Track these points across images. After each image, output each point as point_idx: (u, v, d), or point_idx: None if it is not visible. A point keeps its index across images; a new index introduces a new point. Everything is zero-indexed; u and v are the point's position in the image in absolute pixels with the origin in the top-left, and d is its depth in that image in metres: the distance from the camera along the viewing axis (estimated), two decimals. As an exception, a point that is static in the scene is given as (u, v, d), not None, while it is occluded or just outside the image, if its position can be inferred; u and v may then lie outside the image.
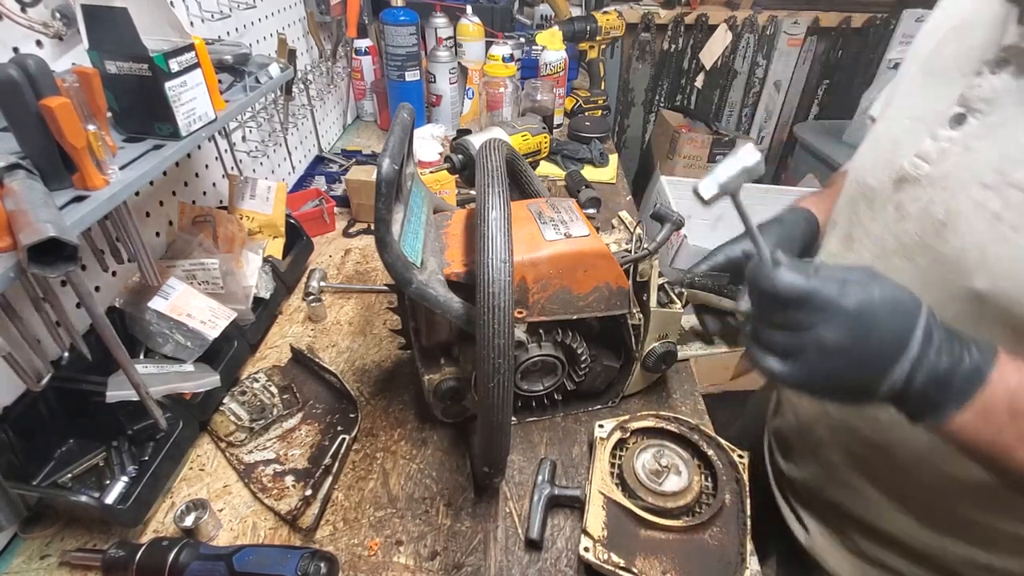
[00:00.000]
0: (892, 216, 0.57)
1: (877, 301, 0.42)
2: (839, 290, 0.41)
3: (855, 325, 0.41)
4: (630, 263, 0.66)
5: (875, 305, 0.42)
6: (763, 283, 0.44)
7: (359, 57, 1.42)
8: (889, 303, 0.42)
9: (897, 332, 0.42)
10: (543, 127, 0.98)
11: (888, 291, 0.43)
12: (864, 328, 0.41)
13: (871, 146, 0.64)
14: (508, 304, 0.46)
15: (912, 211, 0.55)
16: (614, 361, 0.72)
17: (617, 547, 0.55)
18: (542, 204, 0.68)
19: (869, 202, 0.61)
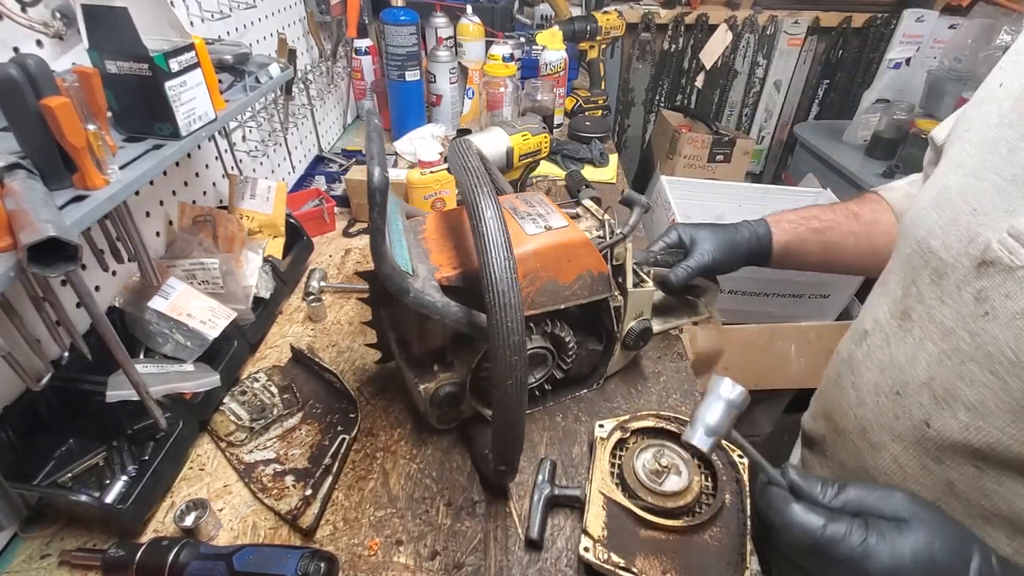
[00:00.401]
0: (971, 307, 0.46)
1: (909, 566, 0.35)
2: (861, 548, 0.35)
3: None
4: (607, 248, 0.68)
5: (906, 570, 0.35)
6: (777, 518, 0.40)
7: (359, 57, 1.42)
8: (925, 567, 0.35)
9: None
10: (543, 127, 0.98)
11: (924, 549, 0.36)
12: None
13: (938, 199, 0.51)
14: (517, 301, 0.47)
15: (1002, 312, 0.43)
16: (597, 344, 0.74)
17: (617, 547, 0.55)
18: (514, 200, 0.68)
19: (937, 276, 0.49)
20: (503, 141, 0.95)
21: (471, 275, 0.60)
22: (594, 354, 0.75)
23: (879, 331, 0.57)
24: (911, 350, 0.51)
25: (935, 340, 0.49)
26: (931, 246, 0.50)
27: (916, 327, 0.51)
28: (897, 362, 0.53)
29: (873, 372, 0.56)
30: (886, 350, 0.55)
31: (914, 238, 0.53)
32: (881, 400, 0.54)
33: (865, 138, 2.19)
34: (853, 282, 1.71)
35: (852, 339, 0.63)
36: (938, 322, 0.49)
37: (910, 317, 0.52)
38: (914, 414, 0.50)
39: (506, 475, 0.60)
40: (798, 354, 1.59)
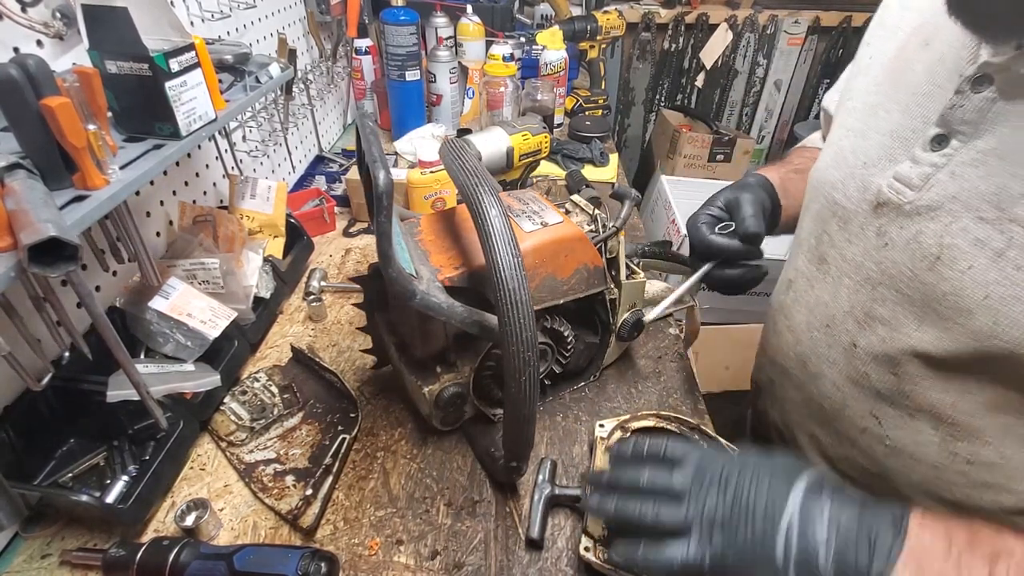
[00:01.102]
0: (874, 242, 0.55)
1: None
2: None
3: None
4: (600, 242, 0.69)
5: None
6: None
7: (359, 57, 1.42)
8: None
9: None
10: (543, 127, 0.98)
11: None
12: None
13: (836, 158, 0.61)
14: (527, 297, 0.47)
15: (898, 240, 0.52)
16: (593, 337, 0.75)
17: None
18: (506, 198, 0.69)
19: (843, 222, 0.58)
20: (503, 141, 0.95)
21: (474, 275, 0.60)
22: (591, 347, 0.76)
23: (801, 277, 0.66)
24: (832, 288, 0.60)
25: (849, 275, 0.58)
26: (835, 198, 0.59)
27: (832, 267, 0.60)
28: (822, 300, 0.62)
29: (803, 313, 0.65)
30: (810, 292, 0.64)
31: (821, 194, 0.62)
32: (814, 335, 0.63)
33: (865, 137, 2.19)
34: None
35: (780, 289, 0.72)
36: (849, 259, 0.58)
37: (826, 260, 0.61)
38: (842, 340, 0.59)
39: (517, 471, 0.60)
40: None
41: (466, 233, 0.64)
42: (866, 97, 0.59)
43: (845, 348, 0.59)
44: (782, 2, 2.38)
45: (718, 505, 0.42)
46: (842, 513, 0.39)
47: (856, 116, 0.60)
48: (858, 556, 0.37)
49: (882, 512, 0.39)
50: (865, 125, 0.58)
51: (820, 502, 0.40)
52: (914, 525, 0.39)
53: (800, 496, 0.40)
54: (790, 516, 0.40)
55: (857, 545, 0.38)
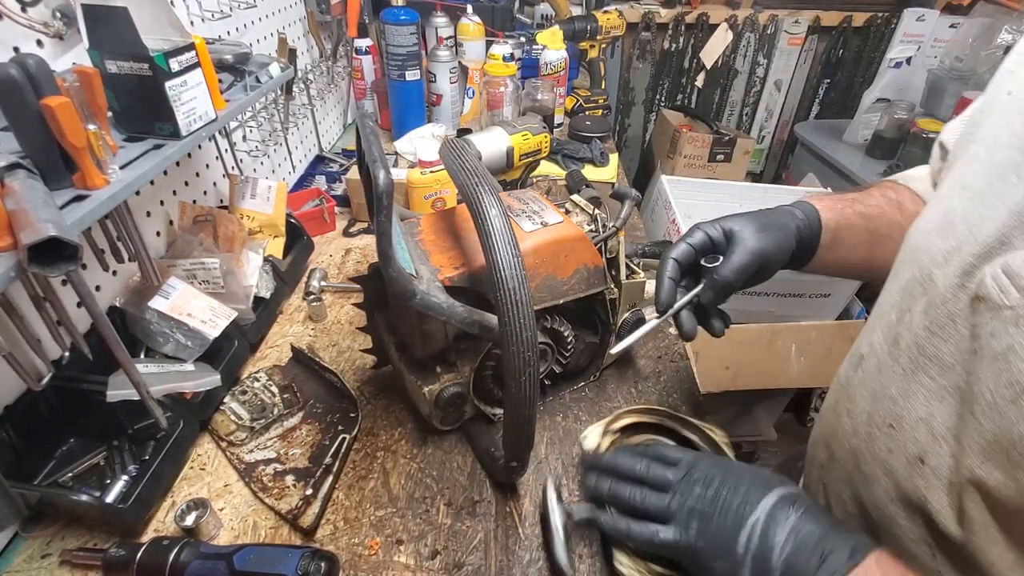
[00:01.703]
0: (967, 344, 0.42)
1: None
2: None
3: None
4: (601, 242, 0.69)
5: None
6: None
7: (359, 56, 1.42)
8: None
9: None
10: (543, 127, 0.98)
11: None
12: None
13: (942, 224, 0.47)
14: (527, 297, 0.47)
15: (987, 350, 0.40)
16: (593, 337, 0.75)
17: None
18: (506, 198, 0.69)
19: (931, 306, 0.46)
20: (503, 141, 0.95)
21: (474, 275, 0.60)
22: (591, 347, 0.76)
23: (873, 356, 0.54)
24: (903, 383, 0.48)
25: (931, 375, 0.45)
26: (931, 273, 0.47)
27: (904, 356, 0.48)
28: (888, 393, 0.50)
29: (866, 400, 0.53)
30: (877, 378, 0.52)
31: (916, 264, 0.49)
32: (874, 432, 0.51)
33: (866, 137, 2.19)
34: (853, 282, 1.70)
35: (850, 362, 0.59)
36: (931, 355, 0.45)
37: (898, 345, 0.50)
38: (909, 450, 0.48)
39: (517, 471, 0.60)
40: (798, 354, 1.59)
41: (466, 233, 0.64)
42: (996, 151, 0.45)
43: (909, 460, 0.47)
44: (782, 2, 2.38)
45: (699, 499, 0.48)
46: (804, 525, 0.43)
47: (978, 171, 0.46)
48: (808, 564, 0.41)
49: (846, 538, 0.43)
50: (987, 188, 0.44)
51: (787, 511, 0.45)
52: (871, 559, 0.41)
53: (771, 502, 0.45)
54: (757, 516, 0.45)
55: (809, 555, 0.42)
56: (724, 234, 0.57)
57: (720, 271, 0.54)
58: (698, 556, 0.47)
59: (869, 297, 1.78)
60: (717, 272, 0.54)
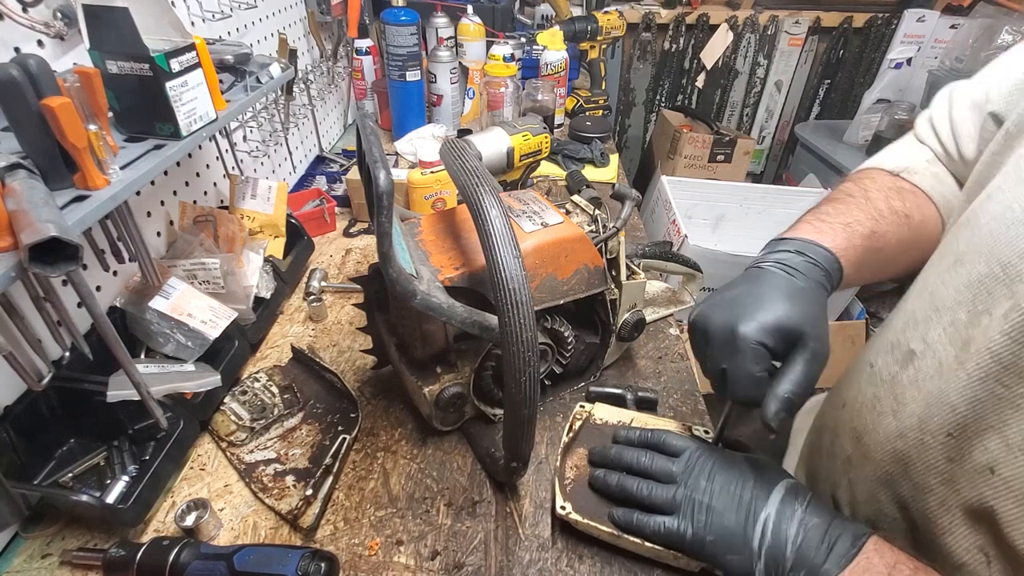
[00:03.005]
0: None
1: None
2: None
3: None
4: (601, 242, 0.69)
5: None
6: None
7: (360, 57, 1.42)
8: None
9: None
10: (544, 127, 0.98)
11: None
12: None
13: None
14: (528, 298, 0.47)
15: None
16: (593, 337, 0.75)
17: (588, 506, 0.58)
18: (507, 199, 0.69)
19: (1015, 308, 0.42)
20: (504, 141, 0.95)
21: (474, 275, 0.60)
22: (591, 347, 0.76)
23: (931, 356, 0.48)
24: (970, 390, 0.44)
25: (1007, 383, 0.41)
26: (1019, 270, 0.42)
27: (971, 361, 0.44)
28: (948, 400, 0.46)
29: (919, 404, 0.48)
30: (936, 382, 0.47)
31: (997, 258, 0.44)
32: (927, 440, 0.47)
33: (866, 138, 2.19)
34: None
35: (893, 356, 0.53)
36: (1008, 363, 0.41)
37: (968, 349, 0.44)
38: (976, 459, 0.44)
39: (517, 472, 0.60)
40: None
41: (466, 233, 0.64)
42: None
43: (976, 469, 0.44)
44: (783, 2, 2.38)
45: (705, 492, 0.50)
46: (811, 519, 0.47)
47: None
48: (816, 555, 0.45)
49: (846, 527, 0.46)
50: None
51: (794, 505, 0.48)
52: (870, 546, 0.45)
53: (779, 497, 0.48)
54: (768, 512, 0.47)
55: (818, 546, 0.45)
56: (785, 337, 0.48)
57: (775, 397, 0.47)
58: (709, 549, 0.49)
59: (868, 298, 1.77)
60: (773, 396, 0.47)
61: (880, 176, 0.64)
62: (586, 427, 0.65)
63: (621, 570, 0.57)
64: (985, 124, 0.55)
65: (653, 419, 0.67)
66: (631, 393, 0.71)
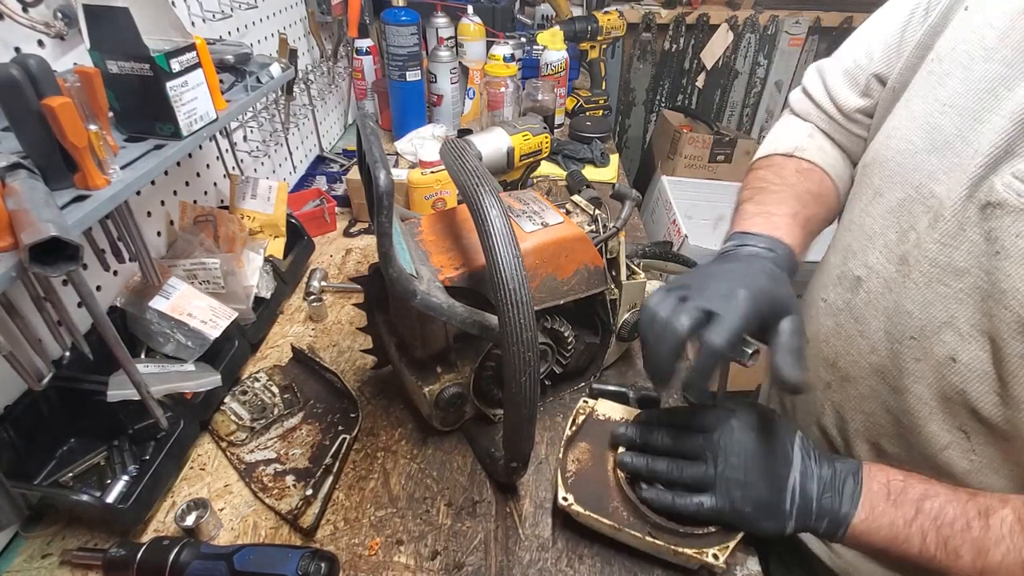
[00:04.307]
0: (982, 248, 0.47)
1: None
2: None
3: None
4: (601, 242, 0.69)
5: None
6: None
7: (360, 57, 1.42)
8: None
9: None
10: (544, 127, 0.98)
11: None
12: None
13: (932, 140, 0.50)
14: (527, 297, 0.47)
15: (1014, 250, 0.44)
16: (593, 337, 0.75)
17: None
18: (507, 199, 0.69)
19: (935, 219, 0.50)
20: (504, 141, 0.95)
21: (474, 275, 0.60)
22: (591, 347, 0.76)
23: (875, 277, 0.57)
24: (921, 295, 0.52)
25: (946, 282, 0.49)
26: (933, 190, 0.50)
27: (916, 271, 0.52)
28: (905, 308, 0.53)
29: (880, 320, 0.56)
30: (889, 296, 0.55)
31: (910, 183, 0.52)
32: (897, 347, 0.55)
33: (866, 138, 2.19)
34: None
35: (843, 286, 0.62)
36: (943, 264, 0.49)
37: (907, 262, 0.53)
38: (937, 353, 0.52)
39: (517, 472, 0.60)
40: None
41: (467, 233, 0.64)
42: (973, 65, 0.48)
43: (940, 362, 0.52)
44: (783, 2, 2.38)
45: (738, 469, 0.51)
46: (821, 470, 0.50)
47: (959, 90, 0.49)
48: (833, 502, 0.49)
49: (844, 465, 0.51)
50: (978, 104, 0.47)
51: (809, 463, 0.51)
52: (866, 475, 0.49)
53: (799, 458, 0.51)
54: (794, 477, 0.50)
55: (832, 494, 0.49)
56: (768, 315, 0.49)
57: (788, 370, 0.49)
58: (746, 518, 0.51)
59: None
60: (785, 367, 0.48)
61: (783, 161, 0.71)
62: (589, 422, 0.65)
63: (621, 570, 0.57)
64: (868, 83, 0.64)
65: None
66: (633, 392, 0.71)
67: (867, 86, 0.64)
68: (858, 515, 0.48)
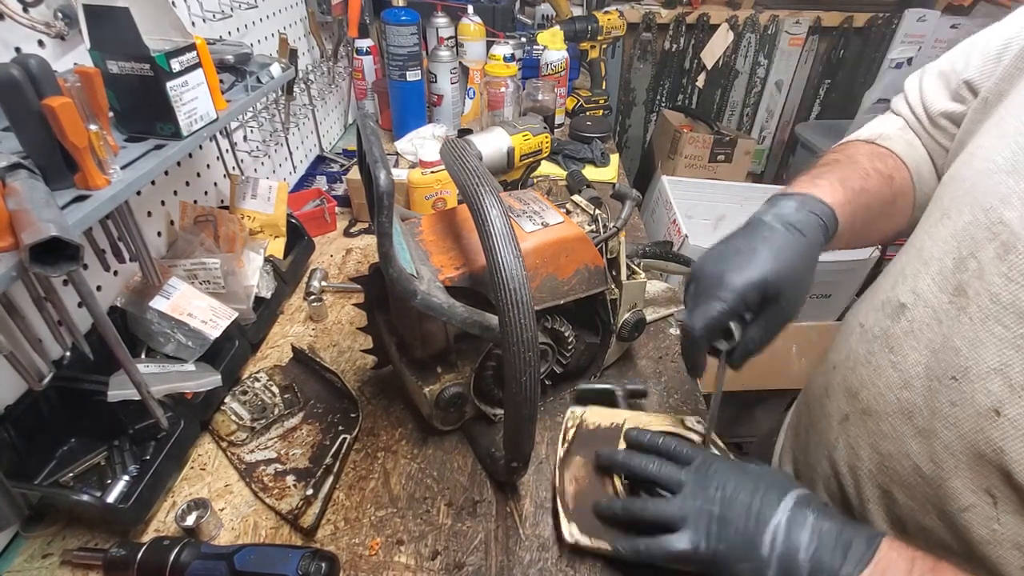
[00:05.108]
0: None
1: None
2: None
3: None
4: (601, 242, 0.69)
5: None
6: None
7: (360, 57, 1.42)
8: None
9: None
10: (544, 127, 0.98)
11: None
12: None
13: (1016, 165, 0.45)
14: (528, 298, 0.47)
15: None
16: (593, 337, 0.75)
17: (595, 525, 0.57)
18: (507, 199, 0.69)
19: (1004, 251, 0.44)
20: (504, 141, 0.95)
21: (475, 275, 0.60)
22: (591, 347, 0.76)
23: (923, 306, 0.51)
24: (972, 333, 0.46)
25: (1004, 323, 0.44)
26: (1003, 217, 0.45)
27: (973, 305, 0.46)
28: (952, 344, 0.48)
29: (921, 353, 0.51)
30: (936, 329, 0.49)
31: (980, 205, 0.47)
32: (934, 385, 0.49)
33: (866, 138, 2.19)
34: (854, 282, 1.70)
35: (884, 312, 0.56)
36: (1007, 303, 0.44)
37: (965, 293, 0.47)
38: (979, 401, 0.46)
39: (518, 471, 0.60)
40: (799, 354, 1.59)
41: (467, 233, 0.64)
42: None
43: (981, 412, 0.46)
44: (783, 2, 2.38)
45: (714, 502, 0.49)
46: (823, 524, 0.46)
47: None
48: (833, 559, 0.44)
49: (860, 530, 0.46)
50: None
51: (806, 512, 0.47)
52: (885, 544, 0.44)
53: (790, 504, 0.47)
54: (778, 519, 0.47)
55: (833, 550, 0.44)
56: (766, 284, 0.51)
57: (754, 343, 0.54)
58: (720, 560, 0.48)
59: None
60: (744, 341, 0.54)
61: (859, 144, 0.69)
62: (579, 434, 0.65)
63: (621, 571, 0.57)
64: (959, 89, 0.60)
65: (646, 416, 0.67)
66: (620, 388, 0.71)
67: (957, 91, 0.61)
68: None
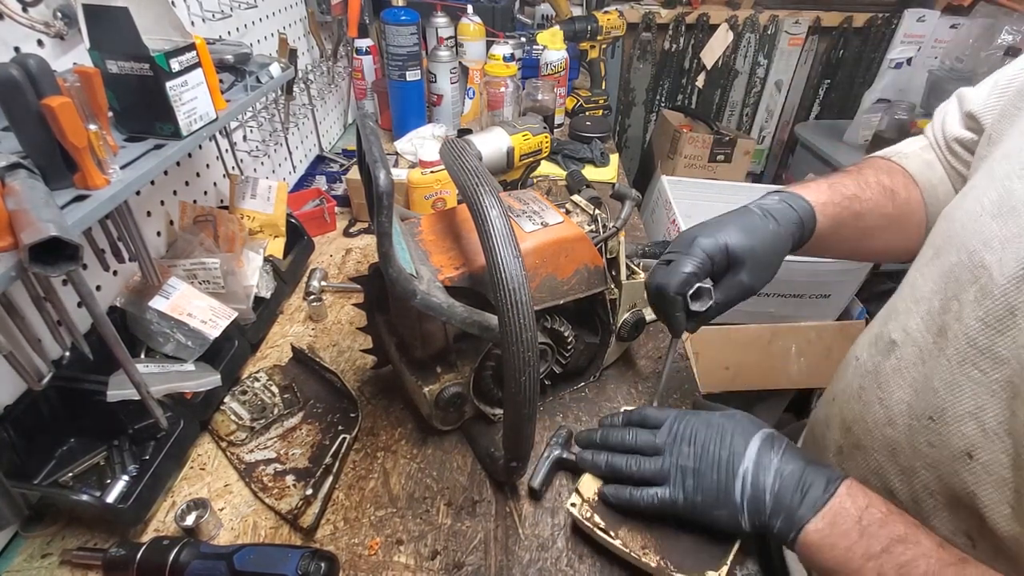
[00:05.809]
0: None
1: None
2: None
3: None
4: (601, 242, 0.69)
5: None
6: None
7: (360, 57, 1.42)
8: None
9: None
10: (544, 127, 0.98)
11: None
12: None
13: (1001, 207, 0.44)
14: (527, 297, 0.47)
15: None
16: (593, 337, 0.75)
17: (604, 513, 0.57)
18: (507, 199, 0.69)
19: (983, 295, 0.43)
20: (504, 141, 0.95)
21: (474, 275, 0.60)
22: (591, 347, 0.76)
23: (911, 344, 0.51)
24: (949, 375, 0.46)
25: (980, 367, 0.43)
26: (984, 260, 0.44)
27: (951, 347, 0.46)
28: (932, 385, 0.48)
29: (906, 391, 0.51)
30: (920, 368, 0.49)
31: (965, 248, 0.47)
32: (914, 425, 0.49)
33: (866, 138, 2.19)
34: (854, 282, 1.70)
35: (877, 348, 0.57)
36: (982, 347, 0.43)
37: (946, 335, 0.47)
38: (953, 444, 0.45)
39: (517, 471, 0.60)
40: (798, 354, 1.59)
41: (466, 233, 0.64)
42: None
43: (954, 455, 0.45)
44: (783, 2, 2.38)
45: (689, 457, 0.52)
46: (786, 466, 0.48)
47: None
48: (792, 499, 0.47)
49: (820, 472, 0.48)
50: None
51: (770, 455, 0.49)
52: (842, 490, 0.46)
53: (755, 449, 0.50)
54: (746, 466, 0.50)
55: (793, 492, 0.47)
56: (723, 250, 0.57)
57: (709, 304, 0.57)
58: (699, 509, 0.51)
59: (868, 298, 1.78)
60: (708, 302, 0.57)
61: (875, 160, 0.71)
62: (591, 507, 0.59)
63: (621, 570, 0.57)
64: (966, 118, 0.62)
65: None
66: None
67: (965, 120, 0.62)
68: (814, 523, 0.45)
